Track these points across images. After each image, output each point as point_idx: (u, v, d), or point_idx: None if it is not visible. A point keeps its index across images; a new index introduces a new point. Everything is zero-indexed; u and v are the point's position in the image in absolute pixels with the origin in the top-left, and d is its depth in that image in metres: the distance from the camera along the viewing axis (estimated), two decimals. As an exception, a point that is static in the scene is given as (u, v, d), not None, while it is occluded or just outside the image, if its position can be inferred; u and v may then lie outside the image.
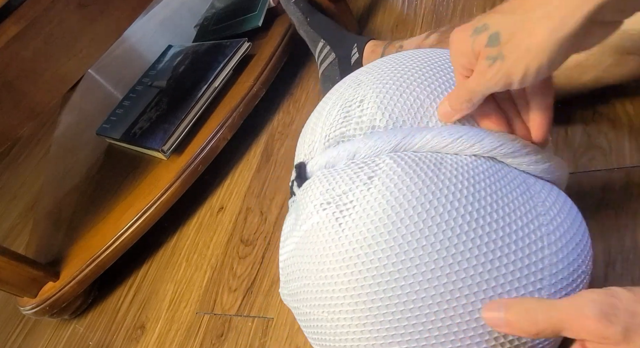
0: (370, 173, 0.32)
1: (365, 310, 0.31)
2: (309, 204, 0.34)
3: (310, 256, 0.33)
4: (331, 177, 0.34)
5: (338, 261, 0.31)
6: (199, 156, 0.77)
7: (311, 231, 0.34)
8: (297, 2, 0.78)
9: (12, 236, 1.16)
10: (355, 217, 0.31)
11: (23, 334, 0.88)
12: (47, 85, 0.65)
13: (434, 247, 0.29)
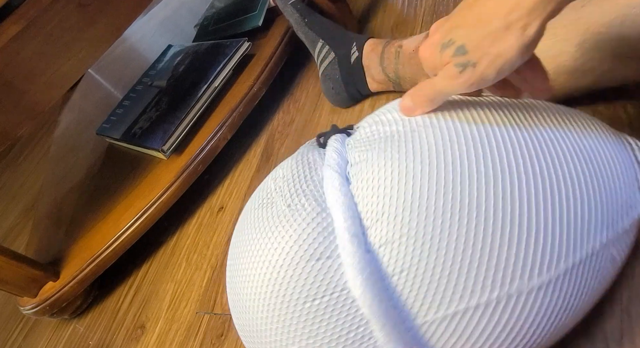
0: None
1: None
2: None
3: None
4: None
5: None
6: (199, 155, 0.77)
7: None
8: (294, 4, 0.78)
9: (12, 236, 1.17)
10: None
11: (23, 334, 0.88)
12: (47, 85, 0.65)
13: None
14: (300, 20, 0.77)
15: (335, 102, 0.77)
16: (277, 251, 0.34)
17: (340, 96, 0.75)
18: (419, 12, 0.82)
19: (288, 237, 0.34)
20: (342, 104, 0.77)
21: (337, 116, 0.77)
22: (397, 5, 0.87)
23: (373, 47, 0.70)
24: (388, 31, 0.83)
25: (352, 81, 0.73)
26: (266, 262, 0.34)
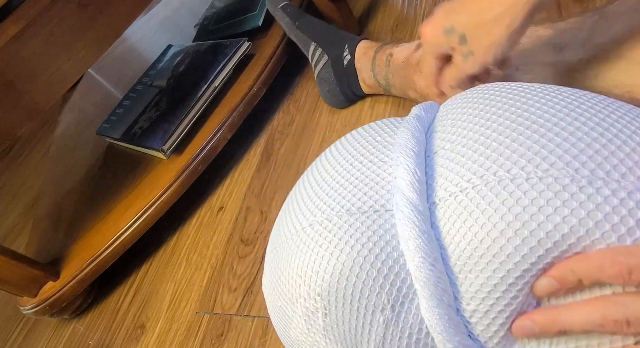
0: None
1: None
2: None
3: None
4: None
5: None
6: (199, 155, 0.77)
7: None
8: (284, 8, 0.78)
9: (12, 235, 1.17)
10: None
11: (23, 334, 0.88)
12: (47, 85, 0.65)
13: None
14: (291, 24, 0.77)
15: (332, 104, 0.77)
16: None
17: (337, 98, 0.75)
18: (419, 12, 0.82)
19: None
20: (339, 106, 0.77)
21: (338, 115, 0.77)
22: (397, 5, 0.87)
23: (365, 50, 0.69)
24: (388, 31, 0.83)
25: (346, 83, 0.73)
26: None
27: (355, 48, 0.70)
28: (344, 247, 0.31)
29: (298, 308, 0.33)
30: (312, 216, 0.34)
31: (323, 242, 0.32)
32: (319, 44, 0.74)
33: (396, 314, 0.30)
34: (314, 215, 0.34)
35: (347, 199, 0.33)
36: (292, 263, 0.34)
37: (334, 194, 0.34)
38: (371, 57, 0.68)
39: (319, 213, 0.34)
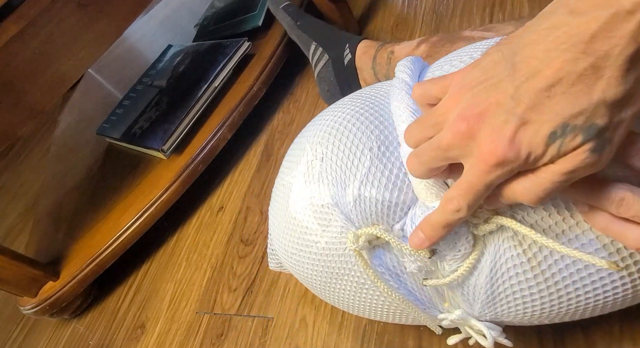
0: None
1: None
2: None
3: None
4: None
5: None
6: (199, 155, 0.77)
7: None
8: (286, 7, 0.78)
9: (12, 235, 1.16)
10: None
11: (23, 334, 0.88)
12: (47, 85, 0.65)
13: None
14: (293, 24, 0.77)
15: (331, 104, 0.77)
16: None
17: (336, 97, 0.75)
18: (419, 12, 0.83)
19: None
20: None
21: (337, 116, 0.77)
22: (397, 5, 0.87)
23: (366, 49, 0.69)
24: (388, 31, 0.83)
25: (346, 83, 0.73)
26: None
27: (356, 47, 0.70)
28: (344, 108, 0.40)
29: (300, 165, 0.39)
30: (322, 118, 0.42)
31: (327, 111, 0.42)
32: (320, 44, 0.74)
33: (382, 153, 0.36)
34: (324, 118, 0.41)
35: (352, 96, 0.43)
36: (300, 139, 0.42)
37: (342, 103, 0.42)
38: (372, 55, 0.68)
39: (329, 110, 0.42)
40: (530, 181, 0.26)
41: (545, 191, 0.26)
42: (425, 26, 0.79)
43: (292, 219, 0.39)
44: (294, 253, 0.40)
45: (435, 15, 0.80)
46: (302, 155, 0.40)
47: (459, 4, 0.78)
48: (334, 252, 0.37)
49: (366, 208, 0.35)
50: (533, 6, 0.69)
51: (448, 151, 0.28)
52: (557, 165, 0.25)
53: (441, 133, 0.28)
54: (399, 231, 0.36)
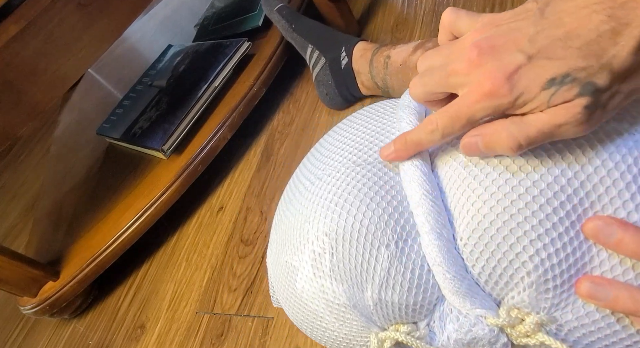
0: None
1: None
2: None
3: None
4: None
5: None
6: (199, 155, 0.77)
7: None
8: (280, 10, 0.78)
9: (12, 235, 1.16)
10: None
11: (23, 334, 0.88)
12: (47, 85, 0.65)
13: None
14: (288, 27, 0.77)
15: (330, 106, 0.77)
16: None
17: (335, 100, 0.75)
18: (419, 12, 0.83)
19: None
20: (338, 108, 0.77)
21: (338, 116, 0.77)
22: (397, 5, 0.87)
23: (362, 52, 0.69)
24: (388, 31, 0.83)
25: (344, 86, 0.73)
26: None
27: (352, 50, 0.70)
28: (352, 190, 0.33)
29: (305, 254, 0.34)
30: (320, 171, 0.37)
31: (331, 189, 0.34)
32: (316, 47, 0.74)
33: (400, 250, 0.32)
34: (322, 170, 0.36)
35: (353, 153, 0.36)
36: (301, 212, 0.36)
37: (340, 151, 0.37)
38: (369, 59, 0.67)
39: (327, 168, 0.36)
40: (517, 125, 0.27)
41: (528, 139, 0.26)
42: (425, 26, 0.79)
43: (301, 301, 0.35)
44: (304, 326, 0.37)
45: (435, 15, 0.79)
46: (305, 240, 0.35)
47: (459, 4, 0.78)
48: (354, 342, 0.34)
49: (388, 311, 0.32)
50: (533, 6, 0.69)
51: (451, 77, 0.28)
52: (546, 114, 0.26)
53: (453, 58, 0.29)
54: (425, 327, 0.33)
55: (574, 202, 0.28)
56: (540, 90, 0.25)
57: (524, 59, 0.25)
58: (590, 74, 0.24)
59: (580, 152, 0.28)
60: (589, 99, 0.25)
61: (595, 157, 0.28)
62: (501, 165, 0.29)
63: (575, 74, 0.25)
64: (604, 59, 0.24)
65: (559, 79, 0.25)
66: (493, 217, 0.29)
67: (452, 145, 0.32)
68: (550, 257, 0.28)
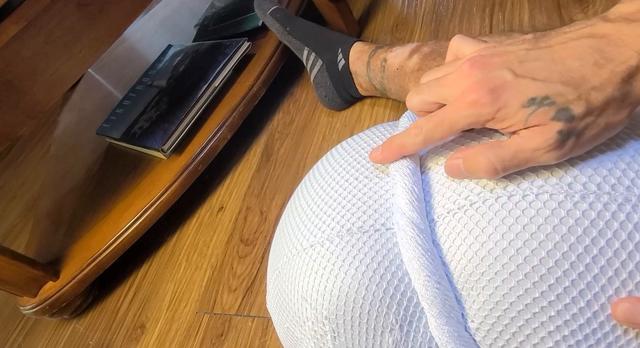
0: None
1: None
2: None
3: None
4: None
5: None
6: (199, 155, 0.77)
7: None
8: (273, 14, 0.77)
9: (12, 235, 1.16)
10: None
11: (23, 334, 0.88)
12: (47, 85, 0.65)
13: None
14: (282, 30, 0.76)
15: (330, 108, 0.78)
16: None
17: (334, 101, 0.75)
18: (419, 12, 0.83)
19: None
20: (338, 109, 0.77)
21: (338, 116, 0.77)
22: (397, 5, 0.87)
23: (359, 54, 0.68)
24: (388, 31, 0.83)
25: (342, 87, 0.73)
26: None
27: (348, 52, 0.70)
28: (348, 269, 0.31)
29: (306, 331, 0.33)
30: (312, 237, 0.34)
31: (327, 265, 0.32)
32: (312, 49, 0.74)
33: (405, 334, 0.30)
34: (314, 236, 0.34)
35: (346, 218, 0.33)
36: (296, 286, 0.34)
37: (332, 213, 0.34)
38: (366, 61, 0.67)
39: (319, 234, 0.34)
40: (494, 149, 0.27)
41: (503, 163, 0.27)
42: (425, 26, 0.79)
43: None
44: None
45: (435, 15, 0.80)
46: (305, 318, 0.33)
47: (459, 4, 0.78)
48: None
49: None
50: (533, 6, 0.69)
51: (443, 87, 0.30)
52: (521, 138, 0.27)
53: (449, 72, 0.30)
54: None
55: (596, 289, 0.26)
56: (520, 107, 0.26)
57: (511, 76, 0.27)
58: (567, 101, 0.25)
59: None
60: (562, 125, 0.25)
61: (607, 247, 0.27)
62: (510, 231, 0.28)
63: (554, 97, 0.25)
64: (583, 88, 0.25)
65: (538, 99, 0.26)
66: (507, 305, 0.27)
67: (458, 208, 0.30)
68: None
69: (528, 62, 0.27)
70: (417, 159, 0.34)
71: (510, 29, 0.69)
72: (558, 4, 0.68)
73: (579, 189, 0.27)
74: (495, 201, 0.28)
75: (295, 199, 0.39)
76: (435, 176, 0.32)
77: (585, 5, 0.65)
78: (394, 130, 0.38)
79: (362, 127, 0.72)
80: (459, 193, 0.30)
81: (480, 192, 0.29)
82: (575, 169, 0.28)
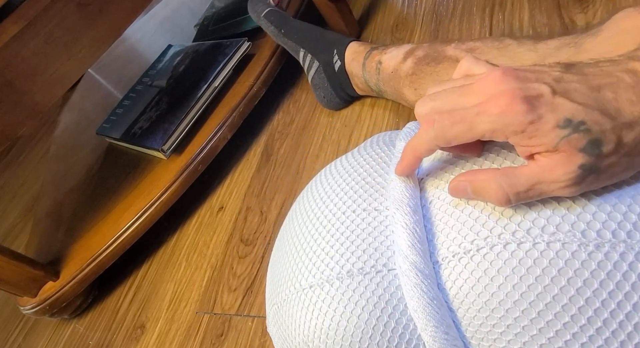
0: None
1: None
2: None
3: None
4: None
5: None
6: (199, 155, 0.77)
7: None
8: (268, 16, 0.77)
9: (12, 235, 1.16)
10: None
11: (23, 334, 0.88)
12: (47, 85, 0.65)
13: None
14: (277, 32, 0.76)
15: (329, 108, 0.78)
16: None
17: (333, 101, 0.76)
18: (419, 12, 0.83)
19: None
20: (336, 108, 0.77)
21: (338, 115, 0.77)
22: (397, 5, 0.87)
23: (354, 56, 0.68)
24: (388, 31, 0.83)
25: (340, 88, 0.73)
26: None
27: (344, 53, 0.69)
28: (350, 316, 0.30)
29: None
30: (311, 277, 0.33)
31: (327, 310, 0.31)
32: (308, 50, 0.74)
33: None
34: (313, 276, 0.32)
35: (345, 258, 0.31)
36: (297, 328, 0.33)
37: (331, 251, 0.32)
38: (361, 63, 0.66)
39: (318, 274, 0.32)
40: (508, 178, 0.25)
41: (517, 195, 0.25)
42: (425, 26, 0.79)
43: None
44: None
45: (435, 15, 0.79)
46: None
47: (459, 4, 0.78)
48: None
49: None
50: (533, 6, 0.69)
51: (465, 96, 0.27)
52: (540, 168, 0.25)
53: (470, 81, 0.27)
54: None
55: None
56: (555, 126, 0.24)
57: (548, 91, 0.24)
58: (602, 131, 0.24)
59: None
60: (587, 159, 0.24)
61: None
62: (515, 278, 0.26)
63: (590, 124, 0.24)
64: (617, 121, 0.24)
65: (575, 122, 0.24)
66: None
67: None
68: None
69: (564, 82, 0.25)
70: (416, 191, 0.32)
71: (510, 30, 0.69)
72: (558, 4, 0.67)
73: (593, 237, 0.25)
74: (504, 248, 0.27)
75: (292, 227, 0.38)
76: (437, 212, 0.30)
77: (585, 5, 0.65)
78: (390, 149, 0.36)
79: (362, 128, 0.72)
80: (464, 235, 0.28)
81: (487, 236, 0.27)
82: (587, 214, 0.26)
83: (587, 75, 0.25)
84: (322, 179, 0.38)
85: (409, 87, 0.57)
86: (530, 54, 0.44)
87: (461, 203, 0.29)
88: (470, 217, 0.28)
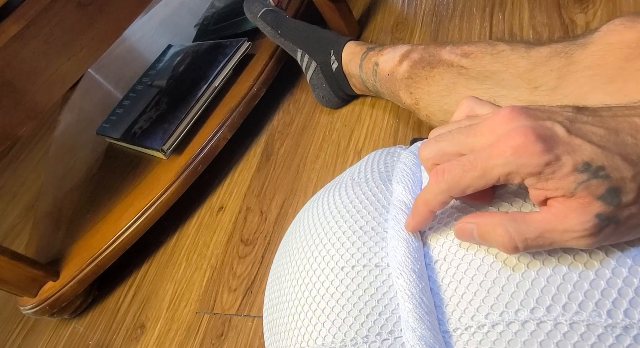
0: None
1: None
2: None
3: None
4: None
5: None
6: (199, 155, 0.77)
7: None
8: (264, 16, 0.77)
9: (12, 235, 1.17)
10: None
11: (23, 334, 0.88)
12: (47, 85, 0.65)
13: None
14: (274, 33, 0.76)
15: (328, 107, 0.78)
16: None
17: (332, 101, 0.76)
18: (419, 12, 0.83)
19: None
20: (335, 107, 0.77)
21: (338, 115, 0.77)
22: (397, 5, 0.87)
23: (351, 56, 0.68)
24: (388, 31, 0.83)
25: (338, 87, 0.73)
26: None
27: (341, 53, 0.69)
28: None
29: None
30: (312, 342, 0.31)
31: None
32: (305, 50, 0.74)
33: None
34: (315, 342, 0.31)
35: (348, 324, 0.29)
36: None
37: (332, 314, 0.30)
38: (358, 64, 0.66)
39: (320, 339, 0.30)
40: (517, 224, 0.24)
41: (526, 243, 0.23)
42: (425, 26, 0.79)
43: None
44: None
45: (435, 15, 0.80)
46: None
47: (459, 4, 0.78)
48: None
49: None
50: (533, 6, 0.69)
51: (472, 137, 0.25)
52: (553, 215, 0.23)
53: (476, 122, 0.26)
54: None
55: None
56: (573, 170, 0.22)
57: (563, 131, 0.22)
58: (623, 178, 0.22)
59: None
60: (605, 208, 0.22)
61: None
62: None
63: (610, 170, 0.22)
64: (639, 168, 0.22)
65: (594, 167, 0.22)
66: None
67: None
68: None
69: (578, 123, 0.23)
70: (420, 252, 0.29)
71: (511, 30, 0.69)
72: (558, 4, 0.67)
73: (621, 318, 0.23)
74: (522, 326, 0.24)
75: (288, 275, 0.35)
76: (445, 276, 0.28)
77: (585, 5, 0.65)
78: (387, 187, 0.34)
79: (362, 128, 0.72)
80: (476, 307, 0.26)
81: (503, 311, 0.25)
82: (613, 290, 0.23)
83: (602, 117, 0.23)
84: (314, 221, 0.36)
85: (404, 91, 0.57)
86: (523, 61, 0.44)
87: (470, 270, 0.27)
88: (481, 287, 0.26)
